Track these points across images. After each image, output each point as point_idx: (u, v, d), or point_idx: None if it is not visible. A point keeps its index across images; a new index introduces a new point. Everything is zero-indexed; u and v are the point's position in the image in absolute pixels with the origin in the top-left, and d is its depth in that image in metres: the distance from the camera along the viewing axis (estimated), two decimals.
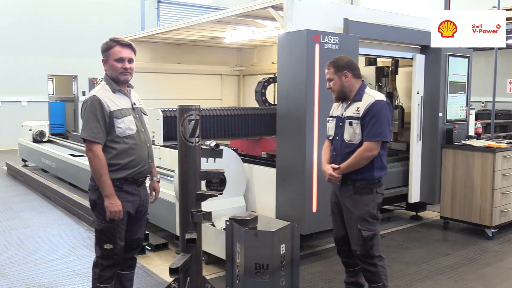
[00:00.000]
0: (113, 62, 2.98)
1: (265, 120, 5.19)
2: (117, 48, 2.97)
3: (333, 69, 3.27)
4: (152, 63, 8.07)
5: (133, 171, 3.00)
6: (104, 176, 2.89)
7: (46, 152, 9.07)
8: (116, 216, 2.91)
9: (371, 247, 3.19)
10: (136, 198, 3.06)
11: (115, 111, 2.95)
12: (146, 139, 3.11)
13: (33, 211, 6.64)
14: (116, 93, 3.02)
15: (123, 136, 2.97)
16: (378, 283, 3.23)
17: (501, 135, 10.76)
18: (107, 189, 2.89)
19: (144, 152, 3.06)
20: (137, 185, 3.07)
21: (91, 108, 2.91)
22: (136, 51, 3.10)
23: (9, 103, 13.73)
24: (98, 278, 3.02)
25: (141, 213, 3.15)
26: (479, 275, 4.29)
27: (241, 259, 3.31)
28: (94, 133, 2.89)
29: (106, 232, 2.97)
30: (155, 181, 3.31)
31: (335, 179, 3.24)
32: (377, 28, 5.02)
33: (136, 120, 3.06)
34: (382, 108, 3.16)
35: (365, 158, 3.14)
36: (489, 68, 11.21)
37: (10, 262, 4.60)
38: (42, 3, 14.18)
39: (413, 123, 5.64)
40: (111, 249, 2.98)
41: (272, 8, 4.76)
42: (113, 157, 2.95)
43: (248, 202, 5.02)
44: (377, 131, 3.12)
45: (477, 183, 5.26)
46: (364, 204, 3.21)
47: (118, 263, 3.07)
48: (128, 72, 3.01)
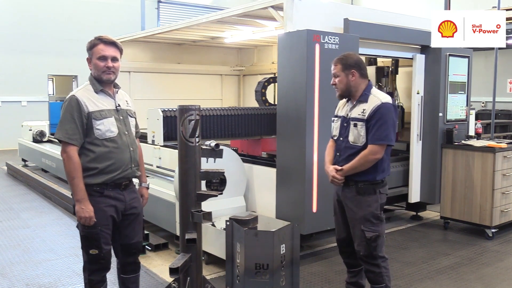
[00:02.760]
0: (96, 60, 2.88)
1: (265, 120, 5.19)
2: (100, 46, 2.88)
3: (341, 66, 3.22)
4: (152, 63, 8.08)
5: (113, 176, 2.88)
6: (76, 180, 2.78)
7: (46, 152, 9.06)
8: (86, 222, 2.80)
9: (375, 248, 3.18)
10: (119, 202, 2.95)
11: (94, 112, 2.84)
12: (129, 143, 2.97)
13: (33, 211, 6.64)
14: (99, 94, 2.91)
15: (102, 138, 2.85)
16: (381, 284, 3.22)
17: (501, 135, 10.74)
18: (79, 194, 2.79)
19: (125, 156, 2.93)
20: (120, 189, 2.96)
21: (69, 108, 2.82)
22: (122, 50, 2.99)
23: (9, 103, 13.72)
24: (88, 282, 2.98)
25: (133, 216, 3.05)
26: (479, 275, 4.29)
27: (241, 259, 3.31)
28: (69, 134, 2.79)
29: (90, 238, 2.88)
30: (143, 187, 3.22)
31: (338, 181, 3.23)
32: (377, 28, 5.02)
33: (119, 122, 2.94)
34: (388, 111, 3.13)
35: (369, 161, 3.12)
36: (489, 68, 11.22)
37: (10, 262, 4.60)
38: (42, 3, 14.17)
39: (413, 123, 5.64)
40: (96, 254, 2.89)
41: (272, 8, 4.76)
42: (90, 161, 2.84)
43: (248, 202, 5.02)
44: (382, 134, 3.09)
45: (477, 183, 5.26)
46: (367, 205, 3.19)
47: (106, 267, 3.00)
48: (111, 71, 2.90)
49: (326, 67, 4.33)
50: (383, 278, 3.22)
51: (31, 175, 8.51)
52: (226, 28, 6.64)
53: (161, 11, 16.28)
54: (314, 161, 4.35)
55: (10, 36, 13.69)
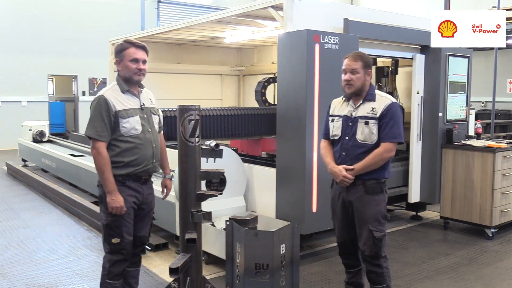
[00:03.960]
0: (128, 62, 3.06)
1: (265, 120, 5.19)
2: (132, 50, 3.07)
3: (362, 63, 3.19)
4: (152, 63, 8.03)
5: (136, 169, 3.08)
6: (107, 173, 2.98)
7: (46, 152, 9.07)
8: (118, 211, 2.99)
9: (380, 248, 3.18)
10: (138, 194, 3.13)
11: (121, 111, 3.03)
12: (152, 139, 3.16)
13: (33, 211, 6.64)
14: (125, 94, 3.10)
15: (127, 135, 3.05)
16: (382, 285, 3.22)
17: (501, 135, 10.75)
18: (109, 186, 2.98)
19: (148, 152, 3.12)
20: (140, 182, 3.14)
21: (97, 107, 3.01)
22: (148, 53, 3.18)
23: (9, 103, 13.72)
24: (107, 274, 3.09)
25: (145, 211, 3.22)
26: (479, 275, 4.29)
27: (241, 259, 3.31)
28: (98, 132, 2.99)
29: (113, 225, 3.04)
30: (167, 178, 3.40)
31: (349, 181, 3.19)
32: (377, 28, 5.02)
33: (143, 120, 3.12)
34: (398, 110, 3.20)
35: (384, 159, 3.14)
36: (489, 68, 11.21)
37: (10, 262, 4.61)
38: (42, 3, 14.17)
39: (413, 123, 5.64)
40: (118, 243, 3.05)
41: (272, 8, 4.75)
42: (116, 155, 3.04)
43: (248, 202, 5.02)
44: (396, 132, 3.14)
45: (477, 183, 5.26)
46: (376, 204, 3.18)
47: (127, 259, 3.13)
48: (142, 73, 3.11)
49: (326, 67, 4.35)
50: (385, 279, 3.21)
51: (31, 175, 8.51)
52: (226, 28, 6.64)
53: (161, 11, 16.28)
54: (314, 161, 4.35)
55: (10, 36, 13.69)
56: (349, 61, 3.21)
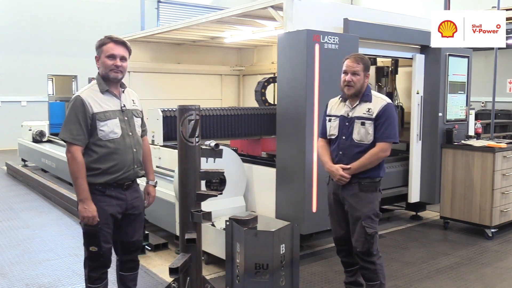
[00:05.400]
0: (105, 58, 2.90)
1: (265, 120, 5.19)
2: (110, 45, 2.90)
3: (363, 66, 3.26)
4: (152, 63, 8.07)
5: (115, 177, 2.91)
6: (80, 180, 2.82)
7: (46, 152, 9.06)
8: (89, 221, 2.84)
9: (372, 244, 3.22)
10: (121, 202, 2.98)
11: (99, 113, 2.86)
12: (133, 144, 2.99)
13: (33, 211, 6.64)
14: (105, 94, 2.92)
15: (105, 139, 2.88)
16: (376, 281, 3.26)
17: (501, 135, 10.75)
18: (82, 193, 2.83)
19: (127, 157, 2.95)
20: (123, 189, 2.98)
21: (73, 108, 2.84)
22: (131, 50, 3.01)
23: (9, 103, 13.71)
24: (88, 278, 3.02)
25: (134, 216, 3.08)
26: (479, 275, 4.29)
27: (241, 259, 3.31)
28: (73, 135, 2.82)
29: (90, 234, 2.92)
30: (150, 185, 3.23)
31: (345, 180, 3.25)
32: (377, 28, 5.02)
33: (123, 123, 2.95)
34: (393, 111, 3.28)
35: (379, 159, 3.22)
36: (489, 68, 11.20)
37: (10, 262, 4.60)
38: (42, 3, 14.16)
39: (413, 123, 5.64)
40: (96, 252, 2.93)
41: (272, 8, 4.75)
42: (94, 161, 2.88)
43: (248, 202, 5.02)
44: (391, 132, 3.21)
45: (477, 183, 5.26)
46: (370, 202, 3.25)
47: (106, 265, 3.03)
48: (119, 70, 2.91)
49: (326, 67, 4.35)
50: (378, 275, 3.26)
51: (31, 175, 8.51)
52: (226, 28, 6.63)
53: (161, 11, 16.27)
54: (314, 161, 4.35)
55: (10, 36, 13.68)
56: (351, 63, 3.26)
